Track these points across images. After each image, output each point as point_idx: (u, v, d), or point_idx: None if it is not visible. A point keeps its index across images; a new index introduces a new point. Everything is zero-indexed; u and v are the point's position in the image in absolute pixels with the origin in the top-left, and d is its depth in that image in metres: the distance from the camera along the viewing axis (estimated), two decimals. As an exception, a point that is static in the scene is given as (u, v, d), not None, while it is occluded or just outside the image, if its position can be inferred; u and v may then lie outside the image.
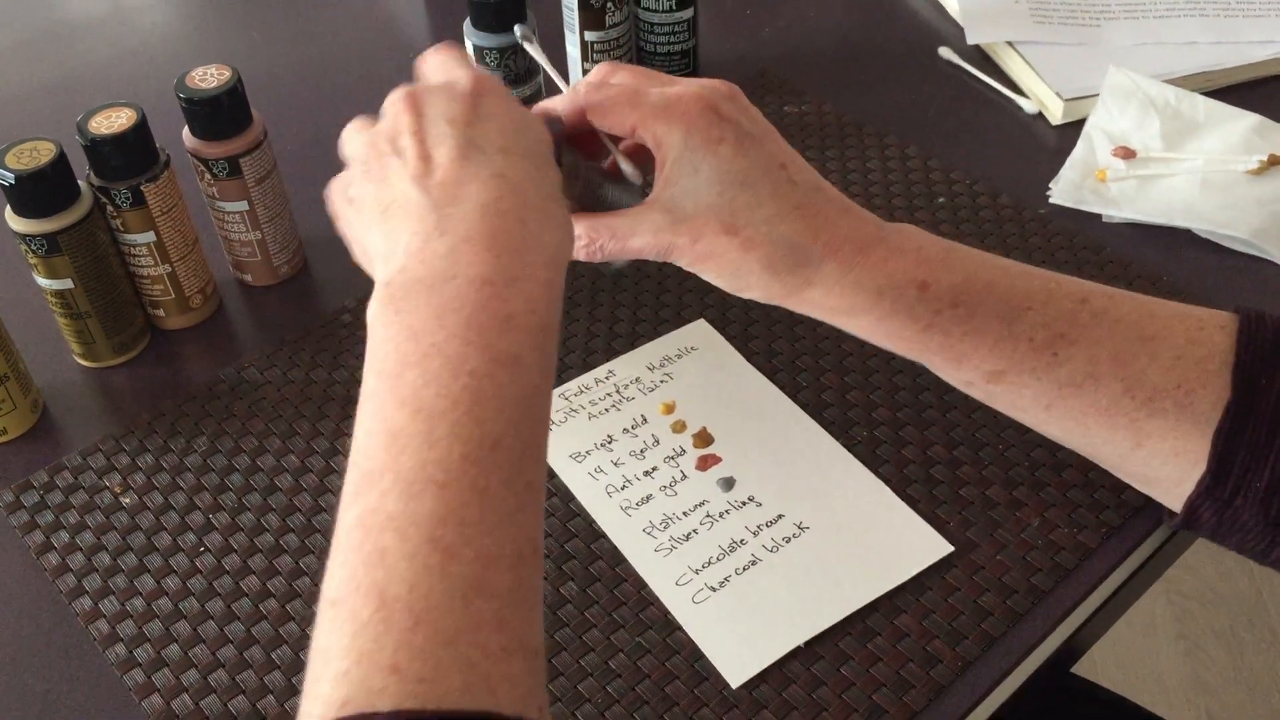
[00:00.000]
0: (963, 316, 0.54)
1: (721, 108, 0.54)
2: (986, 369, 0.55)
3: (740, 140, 0.54)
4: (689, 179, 0.53)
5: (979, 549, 0.61)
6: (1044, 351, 0.54)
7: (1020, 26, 0.92)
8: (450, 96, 0.50)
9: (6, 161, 0.65)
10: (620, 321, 0.74)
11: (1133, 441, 0.54)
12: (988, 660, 0.57)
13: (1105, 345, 0.53)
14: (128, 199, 0.69)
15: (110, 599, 0.62)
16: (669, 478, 0.65)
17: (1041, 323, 0.54)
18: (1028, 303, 0.54)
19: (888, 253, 0.54)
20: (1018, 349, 0.54)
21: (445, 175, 0.46)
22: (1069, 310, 0.54)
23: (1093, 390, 0.53)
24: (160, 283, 0.73)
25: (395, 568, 0.38)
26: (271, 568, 0.62)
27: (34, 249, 0.68)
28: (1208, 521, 0.54)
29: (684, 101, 0.54)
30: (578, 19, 0.84)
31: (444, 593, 0.37)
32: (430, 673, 0.36)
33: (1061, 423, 0.55)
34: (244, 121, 0.72)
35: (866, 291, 0.54)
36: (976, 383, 0.56)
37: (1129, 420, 0.53)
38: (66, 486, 0.67)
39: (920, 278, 0.54)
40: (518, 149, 0.48)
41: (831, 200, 0.55)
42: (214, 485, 0.66)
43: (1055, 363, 0.54)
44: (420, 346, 0.42)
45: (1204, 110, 0.83)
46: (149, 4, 1.08)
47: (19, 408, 0.69)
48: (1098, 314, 0.54)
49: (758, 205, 0.53)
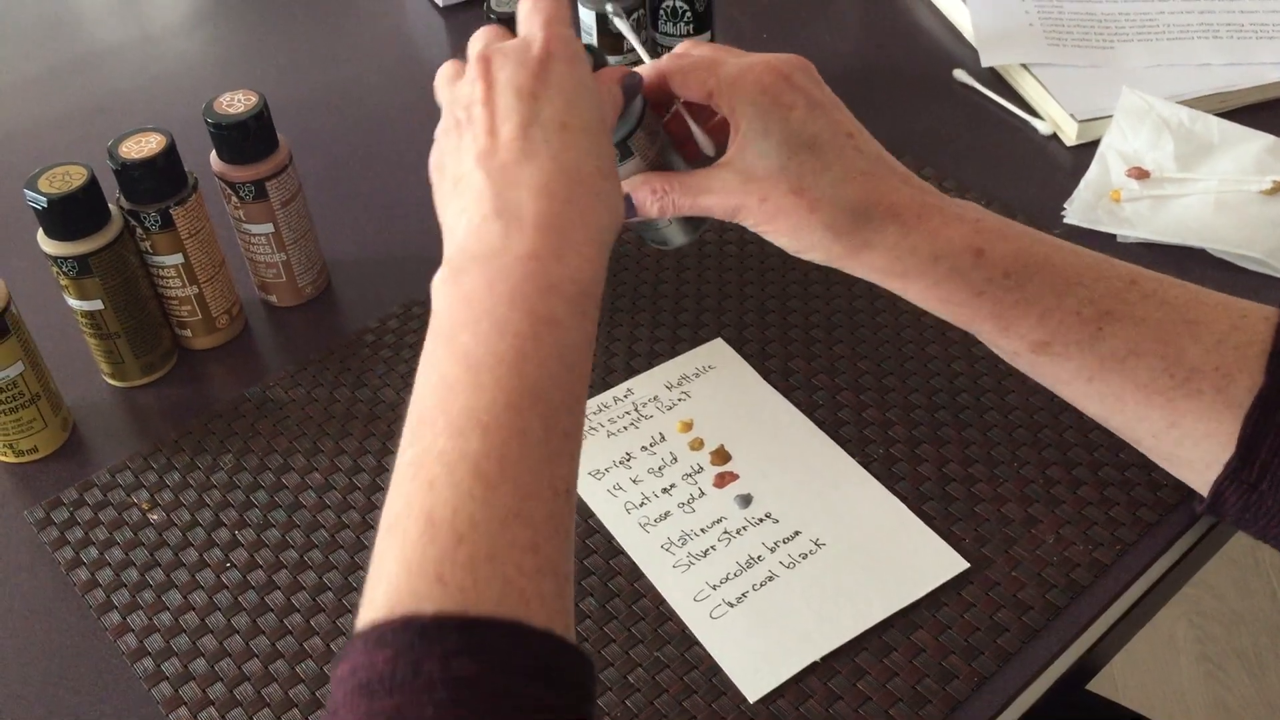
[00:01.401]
0: (1014, 286, 0.56)
1: (794, 77, 0.58)
2: (1033, 339, 0.56)
3: (811, 108, 0.57)
4: (761, 142, 0.57)
5: (994, 565, 0.62)
6: (1089, 325, 0.55)
7: (1034, 49, 0.93)
8: (521, 62, 0.52)
9: (39, 186, 0.67)
10: (639, 341, 0.75)
11: (1167, 421, 0.55)
12: (1004, 676, 0.58)
13: (1149, 325, 0.55)
14: (157, 222, 0.71)
15: (138, 614, 0.63)
16: (687, 495, 0.66)
17: (1090, 298, 0.55)
18: (1078, 278, 0.56)
19: (945, 220, 0.57)
20: (1065, 321, 0.55)
21: (506, 156, 0.50)
22: (1118, 289, 0.55)
23: (1133, 367, 0.55)
24: (188, 303, 0.75)
25: (442, 495, 0.42)
26: (296, 583, 0.63)
27: (65, 271, 0.69)
28: (1233, 506, 0.54)
29: (759, 69, 0.58)
30: (597, 43, 0.86)
31: (485, 518, 0.42)
32: (470, 584, 0.40)
33: (1101, 397, 0.56)
34: (270, 146, 0.73)
35: (923, 256, 0.56)
36: (1022, 352, 0.57)
37: (1165, 399, 0.54)
38: (95, 503, 0.68)
39: (976, 245, 0.56)
40: (577, 123, 0.51)
41: (894, 169, 0.58)
42: (239, 502, 0.68)
43: (1099, 337, 0.55)
44: (473, 312, 0.47)
45: (1217, 131, 0.84)
46: (175, 31, 1.10)
47: (49, 426, 0.71)
48: (1146, 295, 0.55)
49: (824, 169, 0.57)
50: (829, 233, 0.57)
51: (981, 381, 0.71)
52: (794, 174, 0.57)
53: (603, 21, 0.84)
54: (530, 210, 0.49)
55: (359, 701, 0.39)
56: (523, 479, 0.43)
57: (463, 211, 0.50)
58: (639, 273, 0.80)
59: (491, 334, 0.46)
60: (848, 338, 0.74)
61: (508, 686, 0.39)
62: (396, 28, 1.08)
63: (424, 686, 0.38)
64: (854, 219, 0.57)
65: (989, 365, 0.72)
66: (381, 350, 0.76)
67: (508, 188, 0.49)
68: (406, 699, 0.38)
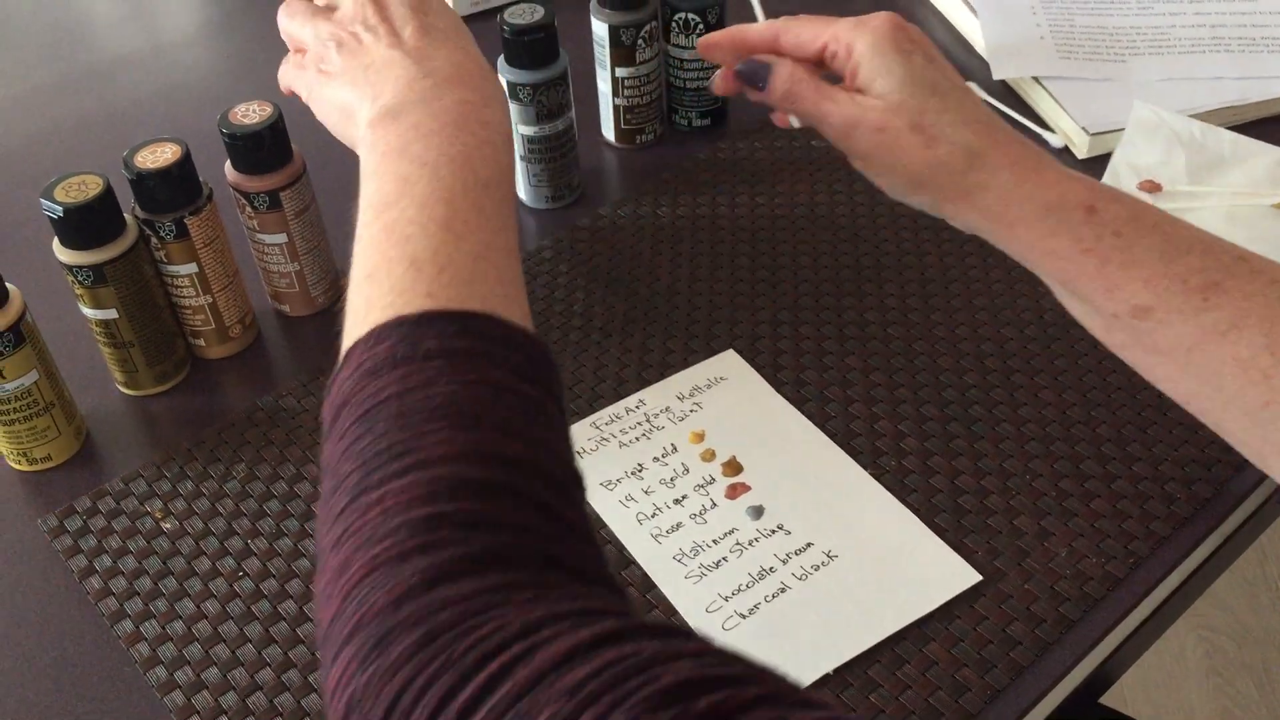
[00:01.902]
0: (1123, 246, 0.56)
1: (910, 29, 0.61)
2: (1135, 303, 0.55)
3: (929, 58, 0.60)
4: (883, 78, 0.59)
5: (1007, 578, 0.62)
6: (1195, 295, 0.54)
7: (1046, 62, 0.93)
8: None
9: (55, 195, 0.67)
10: (650, 352, 0.75)
11: (1262, 400, 0.54)
12: (1016, 689, 0.58)
13: (1257, 300, 0.54)
14: (171, 231, 0.71)
15: (151, 622, 0.63)
16: (699, 506, 0.66)
17: (1199, 267, 0.55)
18: (1188, 247, 0.55)
19: (1060, 175, 0.58)
20: (1170, 288, 0.55)
21: (415, 44, 0.57)
22: (1226, 263, 0.55)
23: (1234, 341, 0.54)
24: (201, 313, 0.75)
25: (419, 244, 0.48)
26: (308, 593, 0.64)
27: (80, 279, 0.69)
28: None
29: (879, 17, 0.61)
30: (609, 55, 0.86)
31: (460, 256, 0.48)
32: (455, 296, 0.46)
33: (1198, 371, 0.55)
34: (285, 156, 0.74)
35: (1035, 205, 0.57)
36: (1122, 315, 0.56)
37: (1263, 376, 0.53)
38: (109, 512, 0.68)
39: (1089, 202, 0.56)
40: (462, 30, 0.60)
41: (1007, 127, 0.60)
42: (252, 511, 0.68)
43: (1204, 307, 0.54)
44: (420, 132, 0.52)
45: (1229, 145, 0.84)
46: (186, 42, 1.11)
47: (63, 435, 0.71)
48: (1255, 271, 0.55)
49: (945, 110, 0.58)
50: (944, 170, 0.58)
51: (994, 394, 0.71)
52: (915, 110, 0.58)
53: (615, 33, 0.85)
54: (455, 74, 0.55)
55: (365, 382, 0.43)
56: (484, 236, 0.49)
57: (384, 80, 0.56)
58: (651, 284, 0.80)
59: (442, 144, 0.52)
60: (859, 349, 0.74)
61: (499, 356, 0.44)
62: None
63: (424, 356, 0.43)
64: (970, 160, 0.58)
65: (1001, 378, 0.72)
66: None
67: (426, 60, 0.56)
68: (410, 369, 0.43)
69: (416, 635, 0.36)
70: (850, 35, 0.60)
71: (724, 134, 0.92)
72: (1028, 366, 0.73)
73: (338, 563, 0.40)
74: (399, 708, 0.35)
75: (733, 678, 0.34)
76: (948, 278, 0.79)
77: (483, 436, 0.41)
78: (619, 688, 0.33)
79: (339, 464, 0.42)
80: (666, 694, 0.33)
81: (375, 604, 0.38)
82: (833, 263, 0.81)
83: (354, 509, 0.41)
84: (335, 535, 0.41)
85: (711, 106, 0.91)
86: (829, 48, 0.61)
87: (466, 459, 0.41)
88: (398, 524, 0.39)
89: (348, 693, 0.37)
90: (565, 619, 0.36)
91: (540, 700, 0.33)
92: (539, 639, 0.35)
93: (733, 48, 0.64)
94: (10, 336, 0.66)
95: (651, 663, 0.34)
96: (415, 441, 0.41)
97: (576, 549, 0.41)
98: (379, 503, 0.40)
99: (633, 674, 0.34)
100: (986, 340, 0.74)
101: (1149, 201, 0.76)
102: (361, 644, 0.37)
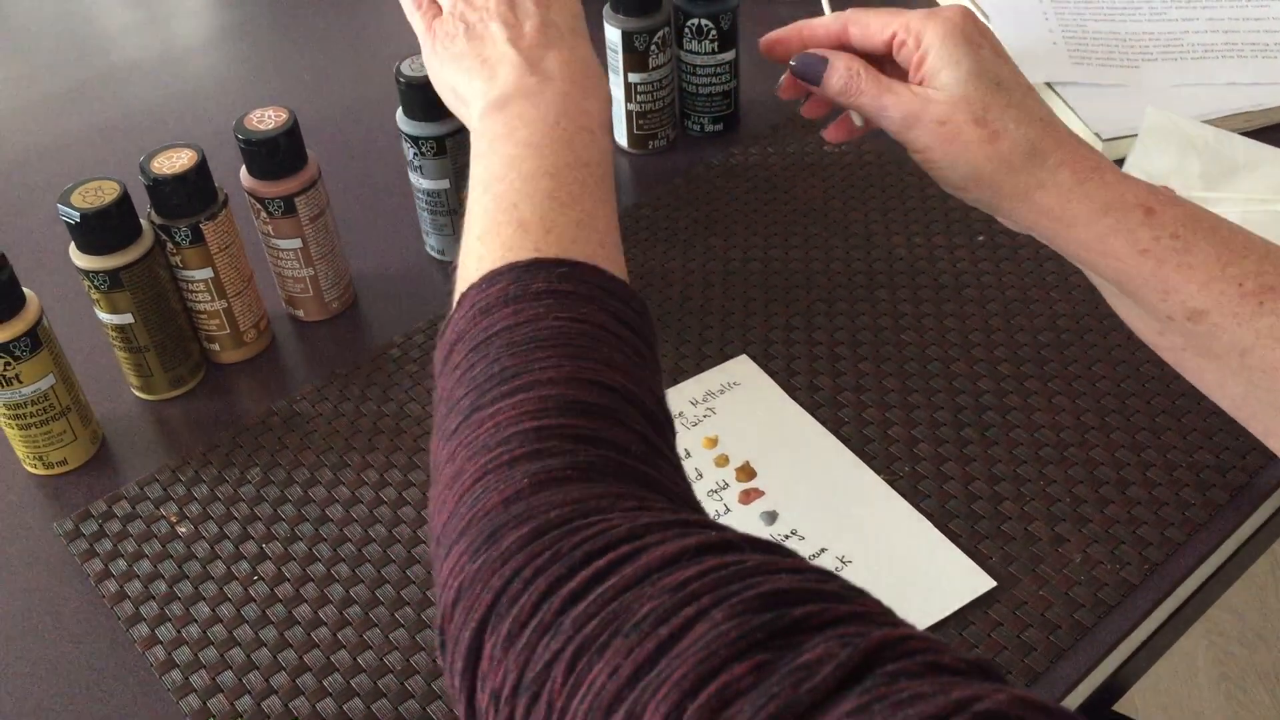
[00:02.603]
0: (1180, 249, 0.55)
1: (979, 23, 0.61)
2: (1191, 306, 0.55)
3: (996, 53, 0.60)
4: (950, 70, 0.59)
5: (1021, 584, 0.62)
6: (1251, 299, 0.54)
7: (1058, 67, 0.93)
8: None
9: (72, 200, 0.68)
10: (664, 357, 0.75)
11: None
12: (1031, 695, 0.58)
13: None
14: (187, 236, 0.71)
15: (166, 626, 0.63)
16: (712, 511, 0.66)
17: (1255, 271, 0.55)
18: (1244, 251, 0.55)
19: (1119, 177, 0.58)
20: (1226, 291, 0.55)
21: (532, 41, 0.60)
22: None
23: None
24: (216, 318, 0.75)
25: (525, 210, 0.51)
26: (323, 596, 0.64)
27: (96, 284, 0.70)
28: None
29: (949, 10, 0.60)
30: (622, 61, 0.86)
31: (564, 220, 0.51)
32: (562, 251, 0.50)
33: (1251, 376, 0.55)
34: (299, 162, 0.74)
35: (1094, 205, 0.57)
36: (1177, 318, 0.56)
37: None
38: (124, 516, 0.69)
39: (1147, 204, 0.56)
40: (580, 28, 0.62)
41: (1067, 128, 0.60)
42: (267, 515, 0.68)
43: (1259, 312, 0.54)
44: (525, 119, 0.56)
45: (1243, 150, 0.84)
46: (203, 47, 1.11)
47: (79, 439, 0.71)
48: None
49: (1009, 106, 0.58)
50: (1004, 166, 0.58)
51: (1007, 399, 0.71)
52: (979, 103, 0.58)
53: (628, 39, 0.85)
54: (561, 74, 0.58)
55: (479, 319, 0.47)
56: (586, 206, 0.52)
57: (498, 74, 0.59)
58: (664, 289, 0.80)
59: (546, 128, 0.55)
60: (873, 354, 0.74)
61: (601, 301, 0.48)
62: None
63: (533, 296, 0.47)
64: (1030, 157, 0.58)
65: (1015, 383, 0.72)
66: (407, 365, 0.76)
67: (539, 60, 0.59)
68: (521, 305, 0.46)
69: (526, 530, 0.39)
70: (921, 24, 0.60)
71: (736, 139, 0.92)
72: (1041, 372, 0.73)
73: (452, 471, 0.43)
74: (507, 593, 0.38)
75: (830, 593, 0.36)
76: (961, 282, 0.79)
77: (588, 365, 0.44)
78: (720, 589, 0.35)
79: (453, 390, 0.46)
80: (765, 599, 0.34)
81: (487, 504, 0.40)
82: (845, 268, 0.81)
83: (467, 425, 0.44)
84: (450, 450, 0.44)
85: (724, 112, 0.92)
86: (898, 36, 0.60)
87: (574, 382, 0.44)
88: (509, 434, 0.42)
89: (457, 581, 0.39)
90: (671, 527, 0.38)
91: (644, 594, 0.35)
92: (645, 542, 0.37)
93: (800, 43, 0.63)
94: (27, 341, 0.66)
95: (754, 572, 0.35)
96: (525, 366, 0.44)
97: (673, 476, 0.44)
98: (491, 418, 0.43)
99: (734, 580, 0.35)
100: (1000, 345, 0.74)
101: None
102: (473, 539, 0.40)
